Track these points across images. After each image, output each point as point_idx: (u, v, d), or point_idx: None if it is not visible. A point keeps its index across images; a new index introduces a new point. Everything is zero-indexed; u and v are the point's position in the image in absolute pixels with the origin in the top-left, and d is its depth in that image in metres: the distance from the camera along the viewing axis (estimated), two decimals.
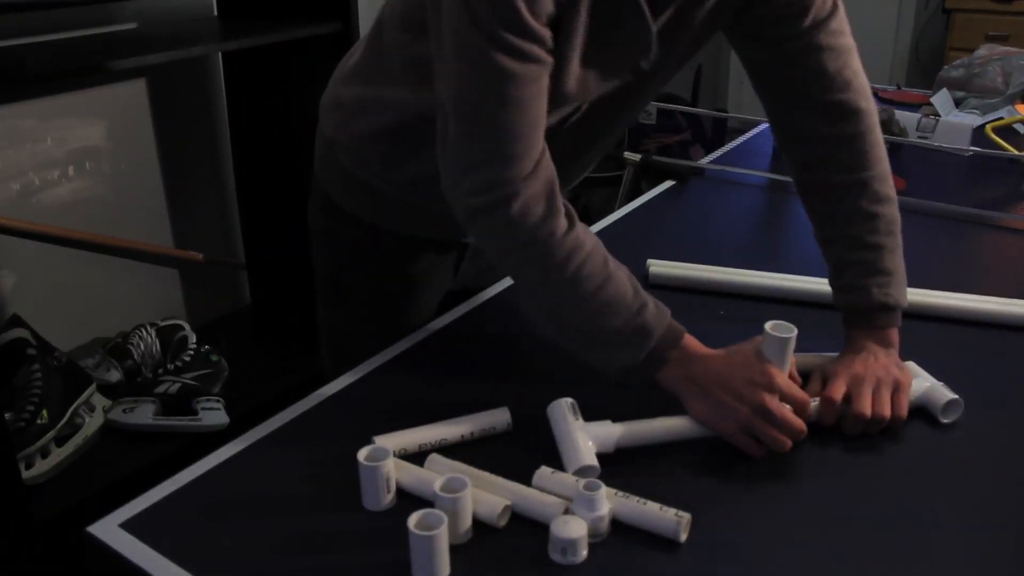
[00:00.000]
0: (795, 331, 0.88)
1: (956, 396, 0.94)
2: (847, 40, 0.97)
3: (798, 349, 0.91)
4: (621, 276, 0.89)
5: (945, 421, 0.94)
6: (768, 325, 0.88)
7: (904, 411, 0.92)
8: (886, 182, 1.00)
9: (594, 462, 0.84)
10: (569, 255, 0.86)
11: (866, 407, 0.90)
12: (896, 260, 0.99)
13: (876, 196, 0.99)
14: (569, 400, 0.90)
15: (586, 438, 0.86)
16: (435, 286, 1.20)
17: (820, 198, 1.02)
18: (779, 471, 0.86)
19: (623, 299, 0.87)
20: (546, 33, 0.82)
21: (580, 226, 0.88)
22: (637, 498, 0.78)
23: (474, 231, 0.89)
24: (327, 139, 1.12)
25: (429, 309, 1.20)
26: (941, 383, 0.96)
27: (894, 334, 0.98)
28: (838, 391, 0.91)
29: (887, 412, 0.90)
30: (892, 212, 1.00)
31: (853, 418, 0.90)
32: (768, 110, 1.05)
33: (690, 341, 0.90)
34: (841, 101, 0.98)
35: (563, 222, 0.87)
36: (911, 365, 0.99)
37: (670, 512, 0.77)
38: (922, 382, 0.96)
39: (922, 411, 0.96)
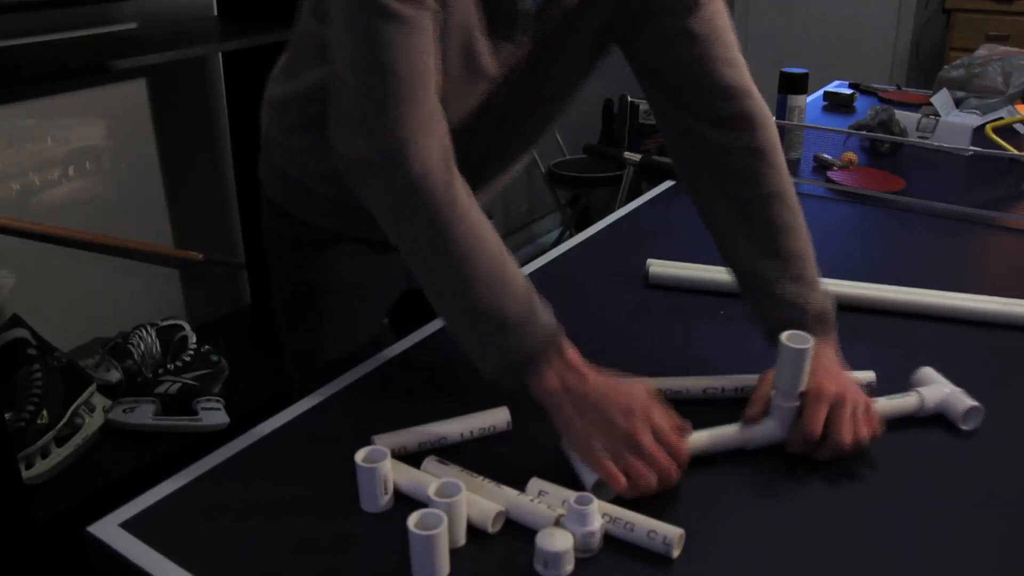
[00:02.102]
0: (811, 341, 0.85)
1: (976, 403, 0.92)
2: (740, 56, 0.97)
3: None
4: (514, 262, 0.85)
5: (965, 428, 0.92)
6: (784, 336, 0.85)
7: (876, 430, 0.88)
8: (792, 191, 0.98)
9: None
10: (471, 226, 0.82)
11: (847, 436, 0.85)
12: (814, 268, 0.96)
13: (792, 207, 0.97)
14: None
15: None
16: (383, 286, 1.17)
17: (738, 211, 0.97)
18: (777, 480, 0.86)
19: (518, 282, 0.84)
20: None
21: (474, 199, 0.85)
22: (626, 520, 0.76)
23: (367, 186, 0.84)
24: (263, 138, 1.12)
25: (380, 310, 1.18)
26: (960, 389, 0.95)
27: (835, 337, 0.95)
28: (818, 424, 0.85)
29: (866, 439, 0.86)
30: (802, 220, 0.97)
31: (831, 448, 0.85)
32: (674, 131, 1.01)
33: (573, 352, 0.85)
34: (753, 110, 0.97)
35: (464, 188, 0.84)
36: (928, 370, 0.99)
37: (659, 537, 0.75)
38: (941, 388, 0.95)
39: (930, 417, 0.95)
